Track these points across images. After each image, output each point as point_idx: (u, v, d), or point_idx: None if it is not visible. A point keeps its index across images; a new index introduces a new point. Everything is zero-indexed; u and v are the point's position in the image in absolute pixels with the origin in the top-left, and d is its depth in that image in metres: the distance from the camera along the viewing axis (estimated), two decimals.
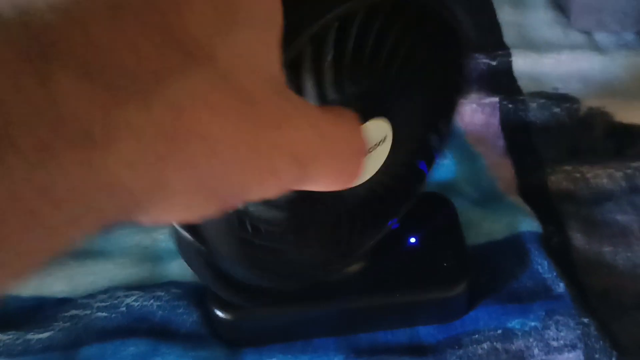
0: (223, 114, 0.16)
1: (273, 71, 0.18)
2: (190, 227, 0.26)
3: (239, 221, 0.26)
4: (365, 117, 0.25)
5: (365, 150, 0.23)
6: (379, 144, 0.27)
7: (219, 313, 0.34)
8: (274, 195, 0.19)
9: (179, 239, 0.27)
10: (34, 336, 0.35)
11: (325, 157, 0.19)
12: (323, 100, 0.24)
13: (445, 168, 0.43)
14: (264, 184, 0.18)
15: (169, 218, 0.17)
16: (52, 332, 0.35)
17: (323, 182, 0.20)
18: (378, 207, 0.31)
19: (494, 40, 0.52)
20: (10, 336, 0.35)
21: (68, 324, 0.36)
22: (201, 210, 0.17)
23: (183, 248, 0.27)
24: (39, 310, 0.37)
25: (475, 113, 0.46)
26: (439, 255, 0.36)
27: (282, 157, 0.18)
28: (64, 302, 0.37)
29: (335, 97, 0.24)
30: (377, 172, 0.28)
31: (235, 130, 0.16)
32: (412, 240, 0.36)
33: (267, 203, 0.26)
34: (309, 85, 0.23)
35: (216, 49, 0.16)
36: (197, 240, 0.26)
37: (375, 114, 0.26)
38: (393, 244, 0.36)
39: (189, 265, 0.29)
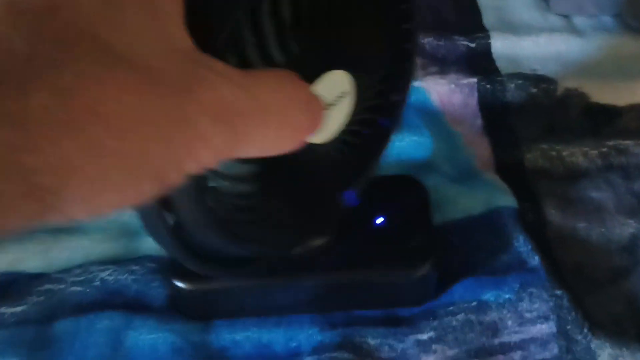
0: (122, 90, 0.16)
1: (177, 43, 0.18)
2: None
3: (209, 195, 0.26)
4: (318, 72, 0.25)
5: (314, 104, 0.22)
6: (339, 99, 0.27)
7: (179, 284, 0.34)
8: (212, 162, 0.19)
9: (142, 209, 0.27)
10: (7, 310, 0.35)
11: (256, 114, 0.19)
12: (270, 63, 0.24)
13: (422, 146, 0.43)
14: (194, 152, 0.18)
15: (102, 204, 0.17)
16: (25, 306, 0.35)
17: (263, 140, 0.20)
18: (344, 167, 0.30)
19: (473, 23, 0.52)
20: None
21: (42, 298, 0.35)
22: (137, 190, 0.17)
23: (147, 218, 0.27)
24: (13, 285, 0.36)
25: (454, 93, 0.47)
26: (405, 237, 0.35)
27: (203, 120, 0.18)
28: (38, 277, 0.36)
29: (281, 59, 0.24)
30: (340, 130, 0.28)
31: (140, 103, 0.16)
32: (380, 220, 0.36)
33: (233, 177, 0.26)
34: (252, 53, 0.23)
35: (108, 34, 0.16)
36: (163, 208, 0.26)
37: (330, 67, 0.26)
38: (361, 223, 0.35)
39: (153, 236, 0.28)
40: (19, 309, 0.35)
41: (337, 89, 0.26)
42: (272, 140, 0.21)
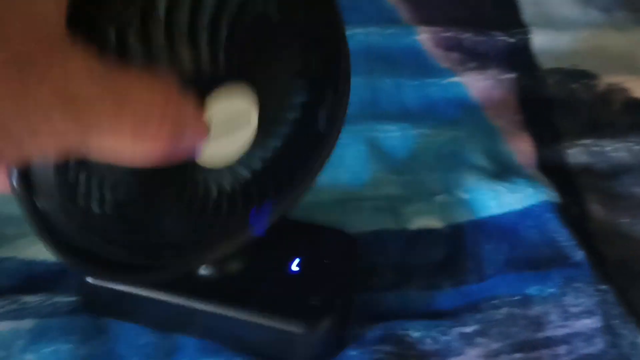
0: None
1: (48, 27, 0.18)
2: (22, 174, 0.26)
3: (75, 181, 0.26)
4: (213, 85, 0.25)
5: (186, 120, 0.21)
6: (240, 123, 0.26)
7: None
8: (56, 150, 0.19)
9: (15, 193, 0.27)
10: (61, 299, 0.36)
11: (109, 108, 0.19)
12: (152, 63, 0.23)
13: (461, 140, 0.44)
14: (38, 134, 0.18)
15: None
16: (79, 297, 0.36)
17: (116, 142, 0.20)
18: (252, 187, 0.29)
19: (511, 18, 0.52)
20: (39, 298, 0.36)
21: None
22: None
23: (19, 201, 0.27)
24: (64, 276, 0.38)
25: (493, 89, 0.47)
26: (311, 291, 0.33)
27: (52, 103, 0.18)
28: None
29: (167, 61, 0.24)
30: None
31: None
32: (295, 267, 0.34)
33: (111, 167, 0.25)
34: (137, 50, 0.23)
35: None
36: (24, 187, 0.26)
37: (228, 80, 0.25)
38: (274, 263, 0.34)
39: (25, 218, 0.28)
40: (73, 298, 0.36)
41: (236, 111, 0.26)
42: (127, 146, 0.20)
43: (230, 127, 0.26)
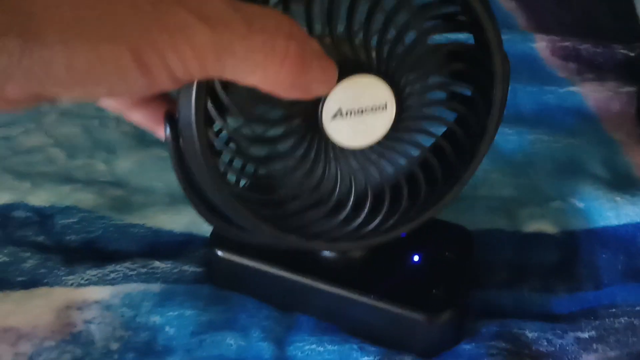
0: None
1: None
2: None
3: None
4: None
5: (311, 51, 0.22)
6: (377, 108, 0.27)
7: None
8: (197, 68, 0.20)
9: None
10: (188, 268, 0.38)
11: (241, 28, 0.20)
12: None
13: (578, 149, 0.43)
14: (175, 44, 0.19)
15: (83, 66, 0.19)
16: (203, 268, 0.38)
17: (247, 57, 0.21)
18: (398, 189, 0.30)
19: (631, 31, 0.51)
20: (168, 265, 0.38)
21: None
22: (116, 59, 0.19)
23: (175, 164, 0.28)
24: (189, 246, 0.39)
25: (612, 101, 0.46)
26: (431, 282, 0.34)
27: (184, 12, 0.19)
28: None
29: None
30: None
31: None
32: (416, 258, 0.35)
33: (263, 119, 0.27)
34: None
35: None
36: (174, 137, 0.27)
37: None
38: (398, 254, 0.35)
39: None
40: (198, 269, 0.38)
41: (373, 98, 0.27)
42: (259, 64, 0.21)
43: (364, 111, 0.28)
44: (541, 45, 0.50)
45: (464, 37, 0.30)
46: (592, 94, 0.46)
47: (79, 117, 0.48)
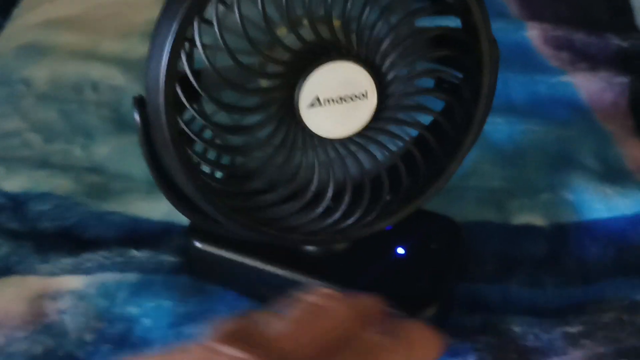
0: None
1: None
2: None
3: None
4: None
5: None
6: (358, 95, 0.26)
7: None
8: None
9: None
10: (165, 258, 0.37)
11: None
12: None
13: (569, 140, 0.43)
14: None
15: None
16: (181, 258, 0.37)
17: None
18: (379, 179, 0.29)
19: (625, 23, 0.51)
20: (145, 254, 0.36)
21: None
22: None
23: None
24: (167, 235, 0.38)
25: (605, 92, 0.45)
26: (415, 275, 0.33)
27: None
28: None
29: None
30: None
31: None
32: (401, 250, 0.34)
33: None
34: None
35: None
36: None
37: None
38: (382, 247, 0.34)
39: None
40: (177, 259, 0.36)
41: (354, 85, 0.26)
42: None
43: (343, 99, 0.26)
44: (533, 33, 0.48)
45: (452, 23, 0.29)
46: (585, 84, 0.45)
47: (57, 101, 0.46)
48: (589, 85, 0.45)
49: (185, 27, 0.24)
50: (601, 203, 0.39)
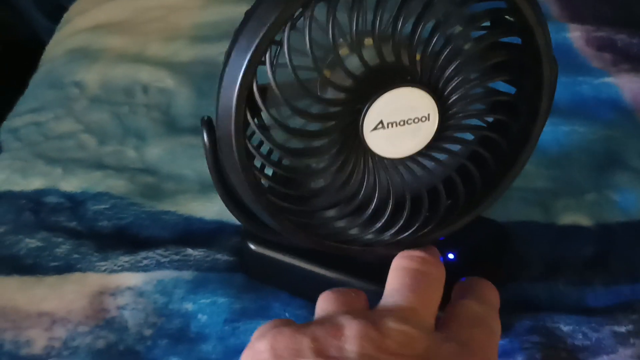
0: None
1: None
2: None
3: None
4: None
5: None
6: (418, 119, 0.27)
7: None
8: None
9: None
10: (220, 256, 0.38)
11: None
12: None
13: (614, 141, 0.43)
14: None
15: None
16: (236, 257, 0.38)
17: None
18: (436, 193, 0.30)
19: None
20: (201, 253, 0.38)
21: None
22: None
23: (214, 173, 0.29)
24: (220, 235, 0.39)
25: None
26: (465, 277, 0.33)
27: None
28: None
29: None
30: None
31: None
32: (451, 256, 0.34)
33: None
34: None
35: None
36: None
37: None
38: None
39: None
40: (231, 258, 0.38)
41: (417, 107, 0.26)
42: None
43: (406, 122, 0.27)
44: (575, 35, 0.49)
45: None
46: (628, 85, 0.46)
47: (109, 104, 0.48)
48: (632, 86, 0.45)
49: (258, 58, 0.25)
50: None
